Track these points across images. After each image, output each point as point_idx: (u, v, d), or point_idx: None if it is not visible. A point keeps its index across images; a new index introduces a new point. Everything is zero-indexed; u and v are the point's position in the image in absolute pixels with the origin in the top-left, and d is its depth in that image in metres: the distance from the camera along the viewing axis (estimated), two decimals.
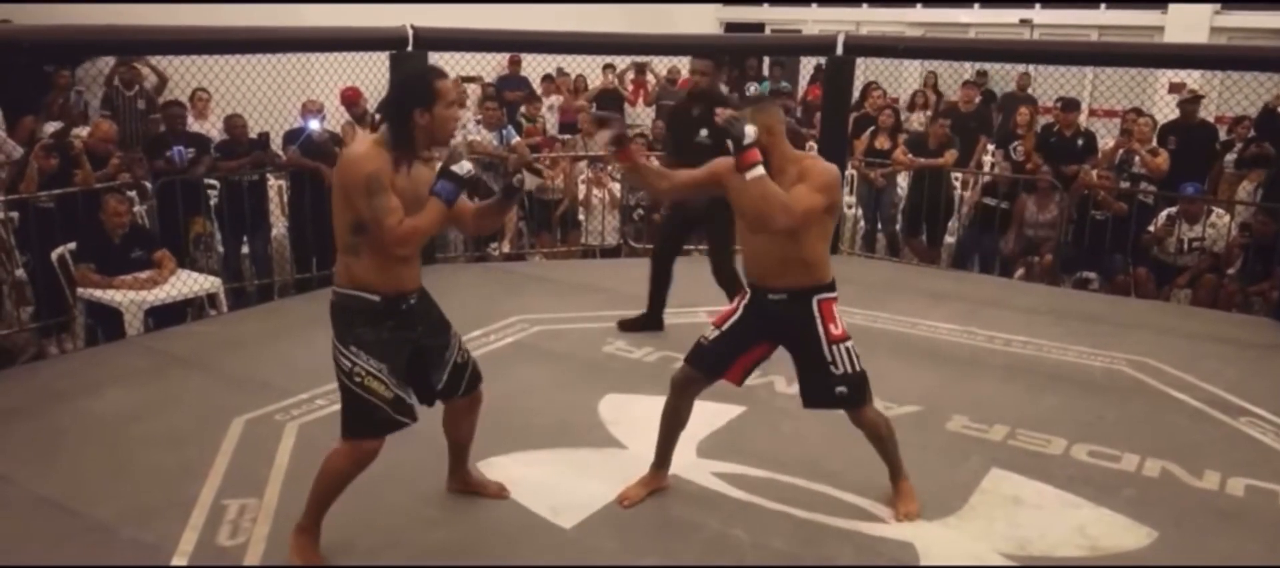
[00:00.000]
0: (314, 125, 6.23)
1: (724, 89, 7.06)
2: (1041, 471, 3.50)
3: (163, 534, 2.95)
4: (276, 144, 6.54)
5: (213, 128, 6.63)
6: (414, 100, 2.58)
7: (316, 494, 2.79)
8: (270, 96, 6.28)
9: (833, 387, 2.96)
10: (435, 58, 6.44)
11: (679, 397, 3.17)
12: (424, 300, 2.81)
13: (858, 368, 2.98)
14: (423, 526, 3.06)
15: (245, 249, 6.22)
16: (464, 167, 2.59)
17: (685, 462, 3.49)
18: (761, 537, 3.02)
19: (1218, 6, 11.31)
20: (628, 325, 4.95)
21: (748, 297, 3.09)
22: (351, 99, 6.66)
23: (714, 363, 3.10)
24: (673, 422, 3.21)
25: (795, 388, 4.27)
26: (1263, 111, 7.76)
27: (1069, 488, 3.35)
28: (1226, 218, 6.27)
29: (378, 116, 4.82)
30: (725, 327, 3.10)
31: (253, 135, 6.28)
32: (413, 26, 5.95)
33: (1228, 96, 8.06)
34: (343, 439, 2.74)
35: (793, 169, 2.90)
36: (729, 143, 2.77)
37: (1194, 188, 6.37)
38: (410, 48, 5.96)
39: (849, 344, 2.97)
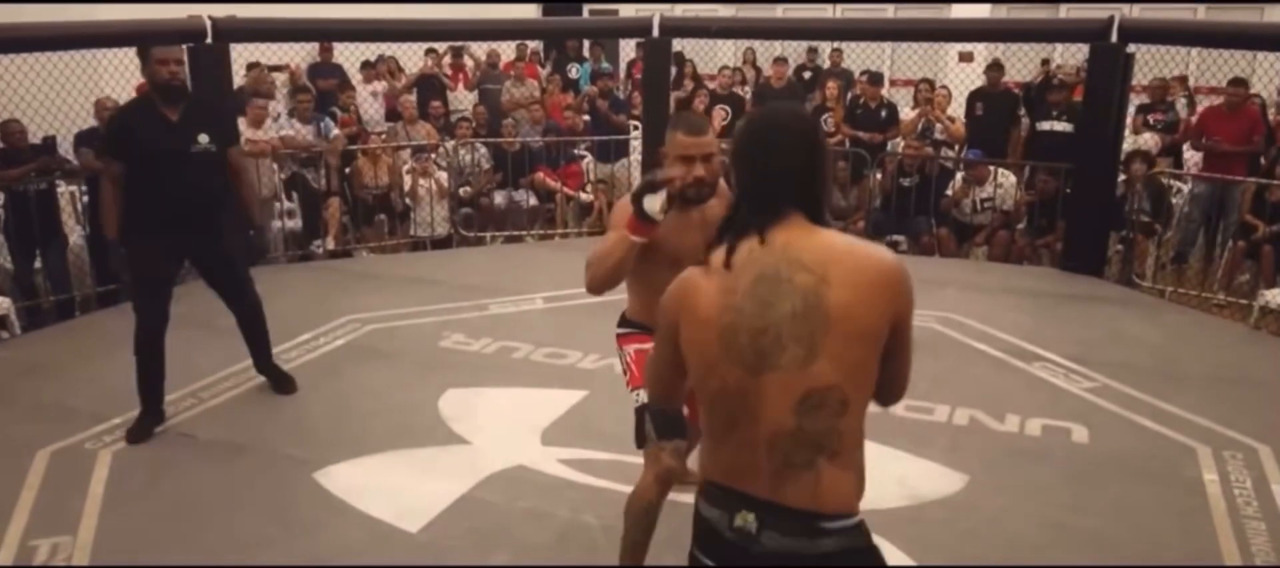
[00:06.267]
0: None
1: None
2: (866, 429, 3.72)
3: None
4: (65, 148, 6.02)
5: None
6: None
7: None
8: (54, 97, 5.78)
9: None
10: (238, 48, 6.12)
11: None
12: None
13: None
14: (260, 546, 2.94)
15: (37, 263, 5.70)
16: None
17: (531, 452, 3.51)
18: (611, 520, 3.05)
19: None
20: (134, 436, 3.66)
21: None
22: None
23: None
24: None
25: None
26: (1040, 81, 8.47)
27: (891, 443, 3.59)
28: (1012, 178, 6.83)
29: None
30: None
31: (36, 140, 5.76)
32: (211, 17, 5.62)
33: (1010, 65, 8.73)
34: None
35: None
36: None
37: (975, 153, 6.91)
38: (209, 40, 5.62)
39: None
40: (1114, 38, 5.62)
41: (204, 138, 3.63)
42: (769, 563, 1.51)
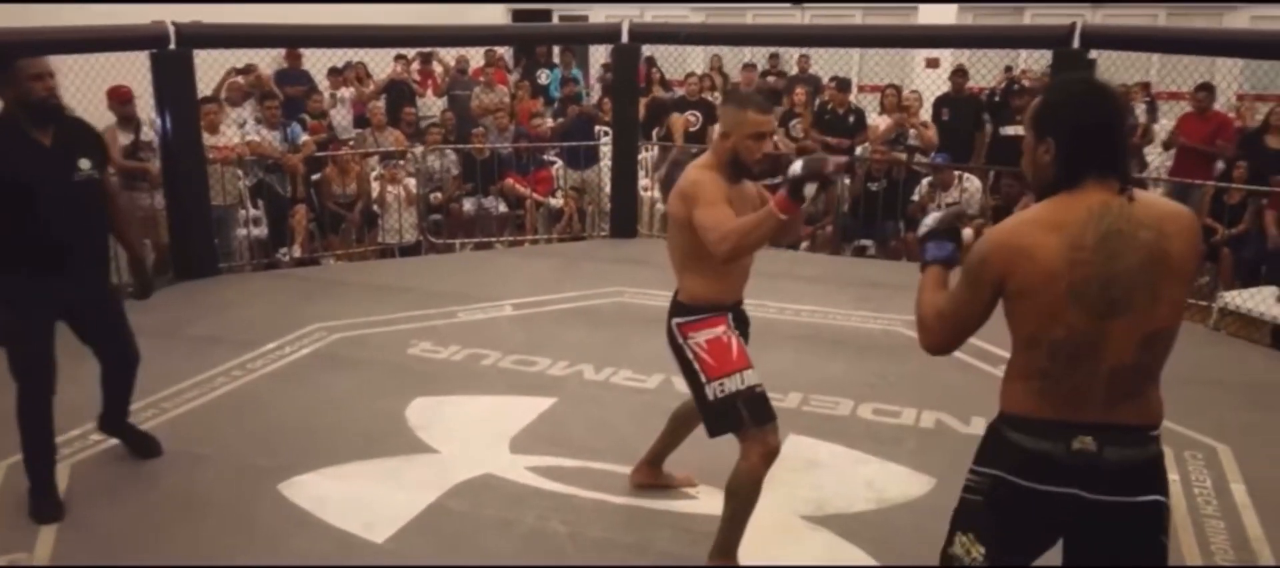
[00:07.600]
0: None
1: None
2: (833, 432, 3.75)
3: None
4: None
5: None
6: None
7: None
8: None
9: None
10: (202, 55, 6.05)
11: None
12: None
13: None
14: (224, 558, 2.90)
15: None
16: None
17: (499, 459, 3.49)
18: (579, 527, 3.07)
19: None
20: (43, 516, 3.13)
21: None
22: (123, 97, 6.08)
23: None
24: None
25: (603, 375, 4.36)
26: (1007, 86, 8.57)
27: (858, 446, 3.62)
28: (977, 182, 6.90)
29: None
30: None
31: None
32: (174, 23, 5.56)
33: (975, 71, 8.83)
34: None
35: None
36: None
37: (941, 158, 6.99)
38: (172, 45, 5.56)
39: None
40: (1076, 43, 5.70)
41: (86, 163, 3.08)
42: (1112, 472, 1.78)
